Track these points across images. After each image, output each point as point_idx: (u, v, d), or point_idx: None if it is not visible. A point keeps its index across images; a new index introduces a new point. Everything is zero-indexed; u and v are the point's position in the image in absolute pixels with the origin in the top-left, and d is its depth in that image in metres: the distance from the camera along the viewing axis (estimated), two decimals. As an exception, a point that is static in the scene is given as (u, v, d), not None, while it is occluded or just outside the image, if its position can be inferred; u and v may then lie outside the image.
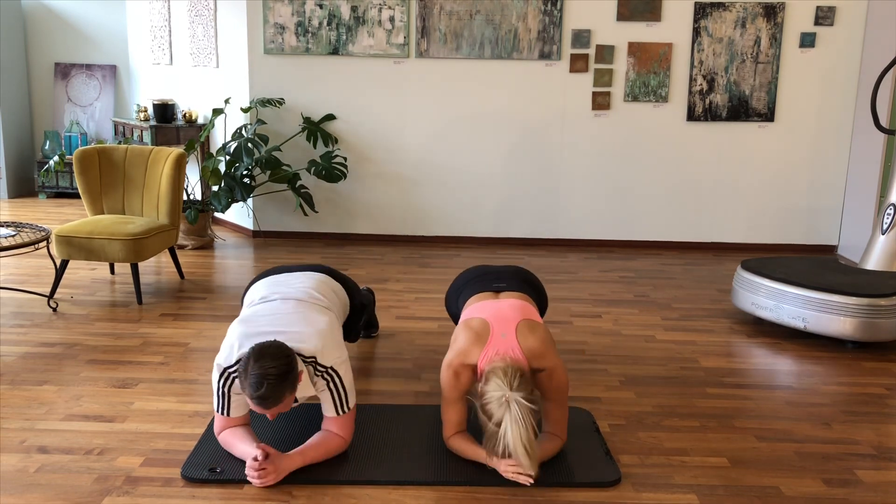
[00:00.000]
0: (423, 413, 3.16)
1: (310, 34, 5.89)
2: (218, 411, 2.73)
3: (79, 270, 5.17)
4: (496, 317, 2.81)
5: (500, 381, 2.54)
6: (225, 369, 2.65)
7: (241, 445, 2.69)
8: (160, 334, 4.03)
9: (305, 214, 5.86)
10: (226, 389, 2.68)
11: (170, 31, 6.62)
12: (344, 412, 2.75)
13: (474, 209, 6.15)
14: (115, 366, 3.60)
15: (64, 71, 7.74)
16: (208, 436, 2.89)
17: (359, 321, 3.44)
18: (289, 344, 2.62)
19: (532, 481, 2.62)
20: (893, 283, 4.06)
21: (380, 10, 5.84)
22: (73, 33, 7.72)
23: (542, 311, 3.23)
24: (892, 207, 4.38)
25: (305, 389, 2.70)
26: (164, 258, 5.52)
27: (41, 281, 4.90)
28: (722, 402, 3.38)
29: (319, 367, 2.68)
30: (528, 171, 6.07)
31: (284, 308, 2.83)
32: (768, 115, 5.94)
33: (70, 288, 4.77)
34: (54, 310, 4.36)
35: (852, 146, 5.96)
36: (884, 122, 5.45)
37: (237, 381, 2.63)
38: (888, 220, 4.38)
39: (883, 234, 4.40)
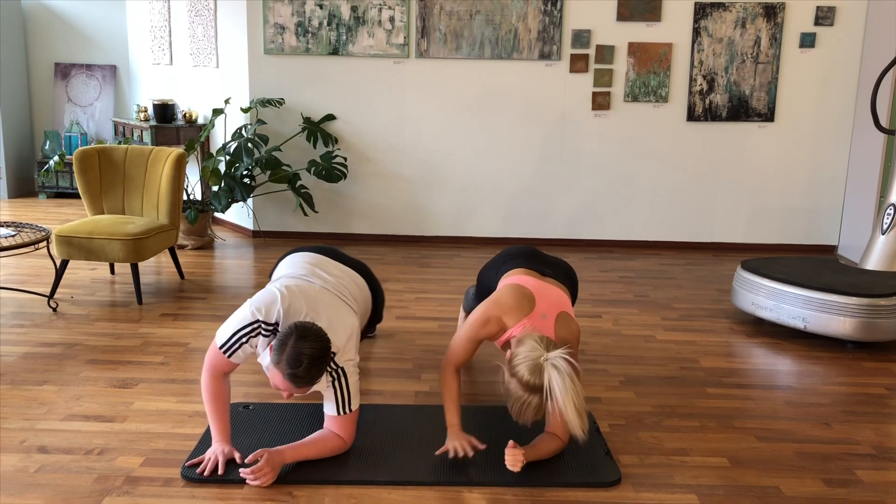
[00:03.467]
0: (423, 413, 3.16)
1: (310, 34, 5.89)
2: (221, 347, 2.70)
3: (79, 270, 5.17)
4: (543, 297, 2.83)
5: (536, 343, 2.53)
6: (259, 322, 2.66)
7: (215, 422, 2.72)
8: (160, 334, 4.03)
9: (305, 214, 5.86)
10: (244, 338, 2.67)
11: (170, 31, 6.62)
12: (345, 413, 2.75)
13: (474, 209, 6.15)
14: (115, 366, 3.60)
15: (64, 71, 7.74)
16: (208, 436, 2.89)
17: (371, 328, 3.45)
18: None
19: (455, 457, 2.68)
20: (893, 283, 4.06)
21: (380, 11, 5.84)
22: (73, 33, 7.72)
23: None
24: (892, 207, 4.38)
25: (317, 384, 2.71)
26: (164, 258, 5.52)
27: (41, 281, 4.90)
28: (722, 402, 3.38)
29: (333, 364, 2.69)
30: (529, 171, 6.07)
31: (323, 297, 2.84)
32: (768, 115, 5.94)
33: (70, 288, 4.77)
34: (54, 310, 4.36)
35: (852, 146, 5.96)
36: (884, 122, 5.45)
37: (260, 339, 2.66)
38: (888, 220, 4.38)
39: (883, 234, 4.40)
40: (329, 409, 2.76)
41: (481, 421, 3.07)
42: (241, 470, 2.61)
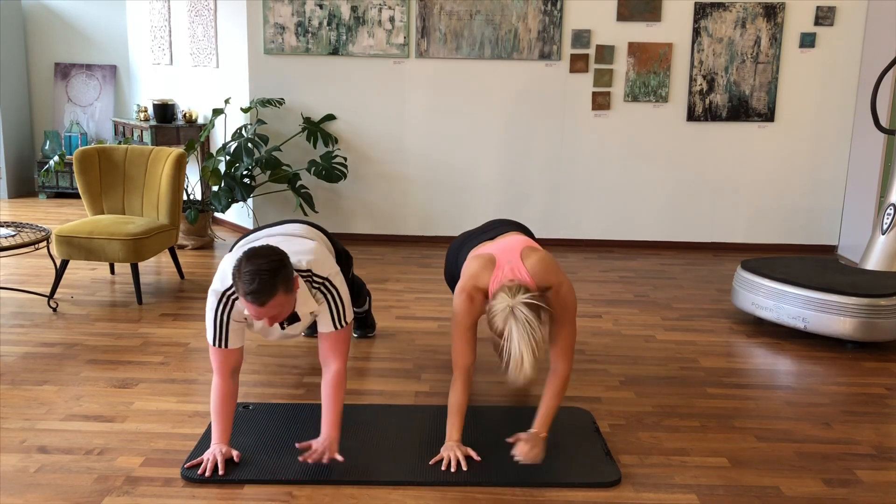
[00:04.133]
0: (423, 413, 3.16)
1: (310, 34, 5.89)
2: (213, 343, 2.68)
3: (79, 270, 5.17)
4: (500, 249, 2.84)
5: (505, 295, 2.56)
6: (223, 293, 2.63)
7: (219, 423, 2.70)
8: (160, 334, 4.03)
9: (305, 214, 5.86)
10: (224, 316, 2.65)
11: (170, 31, 6.62)
12: (342, 325, 2.74)
13: (474, 209, 6.15)
14: (115, 366, 3.60)
15: (64, 71, 7.74)
16: (208, 436, 2.89)
17: (347, 275, 3.42)
18: None
19: (447, 469, 2.67)
20: (893, 283, 4.06)
21: (380, 11, 5.84)
22: (73, 33, 7.72)
23: None
24: (892, 207, 4.38)
25: (306, 303, 2.69)
26: (164, 258, 5.52)
27: (41, 281, 4.90)
28: (722, 402, 3.38)
29: (317, 280, 2.68)
30: (528, 171, 6.07)
31: (271, 239, 2.83)
32: (768, 115, 5.94)
33: (70, 288, 4.77)
34: (54, 310, 4.36)
35: (852, 146, 5.96)
36: (884, 122, 5.45)
37: (236, 305, 2.63)
38: (888, 220, 4.38)
39: (883, 234, 4.40)
40: (325, 326, 2.74)
41: (481, 421, 3.07)
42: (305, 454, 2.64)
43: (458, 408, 2.78)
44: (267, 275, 2.43)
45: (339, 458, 2.66)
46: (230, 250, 3.24)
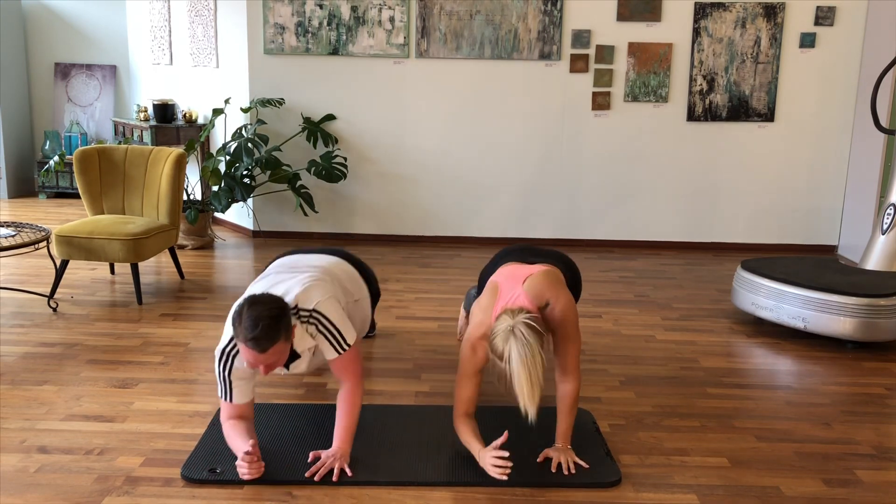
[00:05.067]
0: (423, 413, 3.16)
1: (310, 34, 5.89)
2: (221, 397, 2.73)
3: (79, 270, 5.17)
4: (508, 276, 2.81)
5: (506, 316, 2.53)
6: (223, 350, 2.66)
7: (235, 440, 2.69)
8: (160, 334, 4.03)
9: (305, 214, 5.86)
10: (226, 374, 2.68)
11: (170, 31, 6.62)
12: (344, 350, 2.74)
13: (474, 209, 6.15)
14: (115, 366, 3.60)
15: (64, 71, 7.74)
16: (208, 436, 2.89)
17: (372, 308, 3.47)
18: None
19: (506, 477, 2.58)
20: (893, 283, 4.06)
21: (380, 11, 5.84)
22: (73, 33, 7.72)
23: (574, 294, 3.13)
24: (892, 207, 4.38)
25: (304, 341, 2.69)
26: (164, 258, 5.52)
27: (41, 281, 4.90)
28: (722, 402, 3.38)
29: (303, 314, 2.68)
30: (528, 172, 6.07)
31: (277, 278, 2.85)
32: (768, 115, 5.94)
33: (70, 288, 4.77)
34: (54, 310, 4.36)
35: (852, 146, 5.96)
36: (884, 122, 5.45)
37: (236, 361, 2.64)
38: (888, 220, 4.38)
39: (883, 234, 4.40)
40: (329, 354, 2.75)
41: (482, 421, 3.07)
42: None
43: (470, 433, 2.76)
44: (268, 321, 2.45)
45: (348, 471, 2.65)
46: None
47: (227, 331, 2.67)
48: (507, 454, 2.61)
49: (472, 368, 2.77)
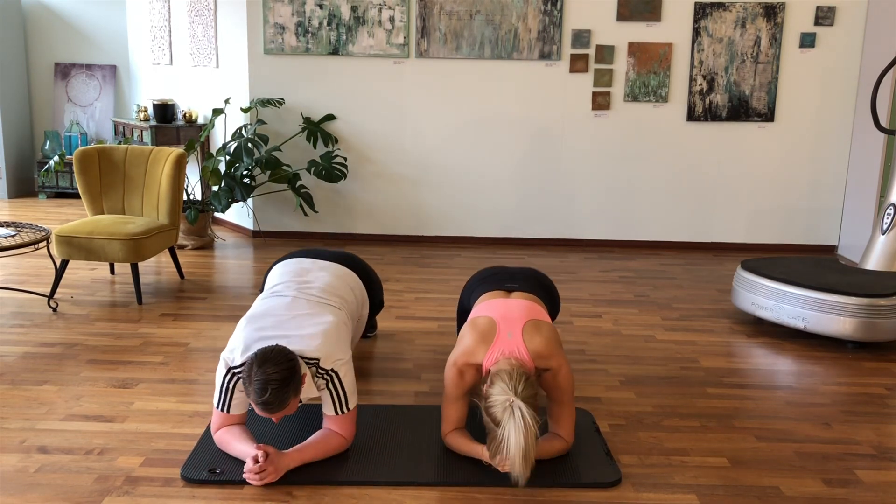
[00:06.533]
0: (423, 413, 3.16)
1: (310, 34, 5.89)
2: (217, 407, 2.73)
3: (79, 270, 5.17)
4: (503, 316, 2.80)
5: (505, 385, 2.51)
6: (230, 369, 2.67)
7: (239, 445, 2.69)
8: (160, 334, 4.03)
9: (305, 214, 5.86)
10: (230, 387, 2.69)
11: (170, 31, 6.62)
12: (343, 412, 2.75)
13: (474, 209, 6.15)
14: (115, 366, 3.60)
15: (64, 71, 7.74)
16: (208, 436, 2.89)
17: (373, 316, 3.48)
18: (293, 347, 2.63)
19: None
20: (893, 283, 4.06)
21: (380, 10, 5.84)
22: (73, 33, 7.72)
23: (552, 315, 3.23)
24: (892, 207, 4.38)
25: (309, 391, 2.71)
26: (164, 258, 5.52)
27: (41, 281, 4.90)
28: (722, 402, 3.38)
29: (321, 370, 2.69)
30: (528, 171, 6.07)
31: (295, 308, 2.85)
32: (768, 115, 5.94)
33: (70, 288, 4.77)
34: (54, 310, 4.36)
35: (852, 146, 5.96)
36: (884, 122, 5.45)
37: (241, 383, 2.65)
38: (888, 220, 4.38)
39: (883, 234, 4.40)
40: (327, 409, 2.76)
41: (471, 420, 3.07)
42: (245, 468, 2.60)
43: (466, 440, 2.77)
44: (277, 385, 2.46)
45: (268, 480, 2.59)
46: (263, 282, 3.32)
47: (237, 350, 2.66)
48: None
49: (460, 392, 2.78)
